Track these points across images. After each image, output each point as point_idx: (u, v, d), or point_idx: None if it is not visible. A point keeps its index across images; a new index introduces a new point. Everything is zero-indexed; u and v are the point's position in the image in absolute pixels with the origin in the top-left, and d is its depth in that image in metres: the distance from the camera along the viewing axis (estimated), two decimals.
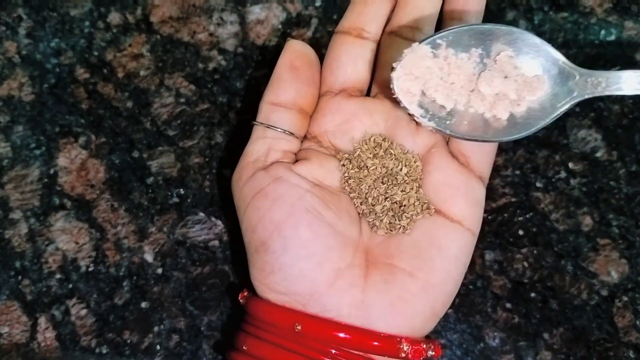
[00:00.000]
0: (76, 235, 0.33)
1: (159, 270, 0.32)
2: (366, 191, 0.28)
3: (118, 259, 0.32)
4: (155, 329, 0.32)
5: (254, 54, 0.34)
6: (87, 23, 0.34)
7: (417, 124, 0.28)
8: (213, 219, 0.33)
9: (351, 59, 0.29)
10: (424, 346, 0.26)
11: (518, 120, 0.27)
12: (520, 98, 0.27)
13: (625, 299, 0.32)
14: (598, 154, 0.33)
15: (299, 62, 0.28)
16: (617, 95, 0.33)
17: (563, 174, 0.33)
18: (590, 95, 0.26)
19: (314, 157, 0.28)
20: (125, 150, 0.33)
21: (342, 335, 0.25)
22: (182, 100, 0.34)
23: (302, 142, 0.29)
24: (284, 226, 0.26)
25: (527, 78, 0.27)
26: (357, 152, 0.28)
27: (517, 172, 0.33)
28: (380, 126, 0.29)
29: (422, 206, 0.27)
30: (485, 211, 0.32)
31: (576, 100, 0.27)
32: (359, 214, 0.28)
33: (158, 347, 0.32)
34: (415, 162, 0.28)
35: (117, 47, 0.34)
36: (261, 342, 0.26)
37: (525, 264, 0.32)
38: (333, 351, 0.25)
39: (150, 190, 0.33)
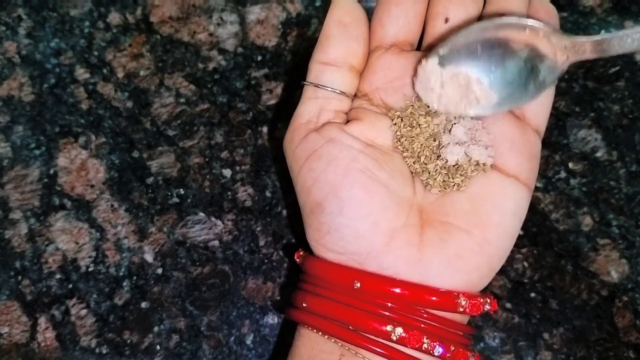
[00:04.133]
0: (76, 235, 0.33)
1: (159, 270, 0.32)
2: (419, 150, 0.27)
3: (118, 259, 0.32)
4: (155, 329, 0.32)
5: (254, 54, 0.34)
6: (87, 23, 0.34)
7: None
8: (213, 219, 0.33)
9: (402, 11, 0.28)
10: (481, 300, 0.26)
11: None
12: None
13: (625, 299, 0.32)
14: (598, 154, 0.33)
15: (348, 18, 0.27)
16: (617, 95, 0.33)
17: (563, 174, 0.33)
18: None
19: (366, 116, 0.28)
20: (125, 150, 0.33)
21: (400, 291, 0.25)
22: (182, 100, 0.34)
23: (353, 100, 0.29)
24: (339, 187, 0.26)
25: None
26: (409, 110, 0.28)
27: None
28: None
29: (476, 162, 0.27)
30: None
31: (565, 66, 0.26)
32: (412, 173, 0.28)
33: (158, 347, 0.32)
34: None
35: (117, 47, 0.34)
36: (321, 299, 0.26)
37: (525, 264, 0.32)
38: (391, 304, 0.25)
39: (150, 190, 0.33)
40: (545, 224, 0.32)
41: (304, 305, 0.27)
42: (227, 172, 0.33)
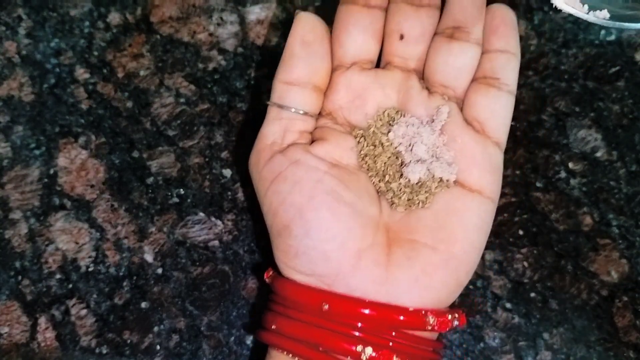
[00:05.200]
0: (76, 235, 0.33)
1: (159, 270, 0.32)
2: (382, 168, 0.28)
3: (118, 259, 0.32)
4: (155, 329, 0.32)
5: (254, 54, 0.34)
6: (87, 23, 0.34)
7: (429, 91, 0.28)
8: (213, 219, 0.33)
9: (361, 30, 0.28)
10: (449, 317, 0.26)
11: None
12: None
13: (625, 299, 0.32)
14: (598, 154, 0.33)
15: (310, 36, 0.27)
16: (617, 95, 0.33)
17: (563, 174, 0.33)
18: None
19: (330, 136, 0.28)
20: (125, 150, 0.33)
21: (368, 312, 0.25)
22: (182, 100, 0.34)
23: (317, 119, 0.29)
24: (305, 210, 0.26)
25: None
26: (372, 129, 0.28)
27: (517, 172, 0.33)
28: (393, 98, 0.28)
29: (439, 179, 0.27)
30: None
31: None
32: (377, 191, 0.28)
33: (158, 347, 0.32)
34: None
35: (117, 47, 0.34)
36: (290, 320, 0.26)
37: (525, 264, 0.32)
38: (360, 325, 0.26)
39: (150, 190, 0.33)
40: (545, 224, 0.32)
41: (274, 327, 0.27)
42: (227, 172, 0.33)
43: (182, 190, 0.33)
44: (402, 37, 0.28)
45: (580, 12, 0.30)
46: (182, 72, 0.34)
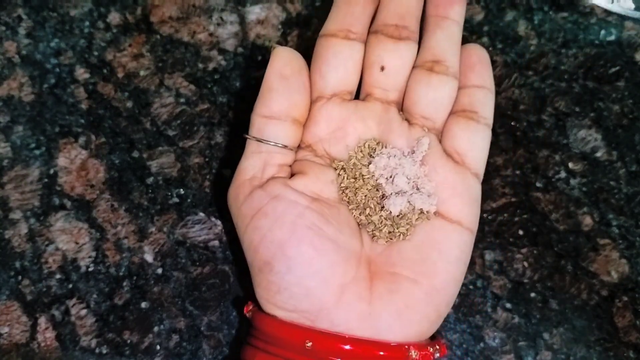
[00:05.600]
0: (76, 235, 0.33)
1: (159, 270, 0.32)
2: (363, 201, 0.28)
3: (118, 259, 0.32)
4: (155, 329, 0.32)
5: (254, 54, 0.34)
6: (87, 23, 0.34)
7: (409, 123, 0.28)
8: (213, 219, 0.33)
9: (341, 62, 0.28)
10: (431, 350, 0.27)
11: None
12: None
13: (625, 299, 0.32)
14: (598, 154, 0.33)
15: (288, 70, 0.27)
16: (617, 95, 0.33)
17: (563, 174, 0.33)
18: None
19: (310, 169, 0.28)
20: (125, 150, 0.33)
21: (351, 348, 0.25)
22: (182, 100, 0.34)
23: (296, 152, 0.29)
24: (286, 246, 0.26)
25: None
26: (352, 161, 0.28)
27: (517, 172, 0.33)
28: (373, 130, 0.28)
29: (420, 211, 0.27)
30: (485, 211, 0.32)
31: None
32: (358, 224, 0.28)
33: (158, 347, 0.32)
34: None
35: (117, 47, 0.34)
36: (272, 357, 0.26)
37: (525, 264, 0.32)
38: None
39: (150, 190, 0.33)
40: (545, 224, 0.32)
41: None
42: (227, 172, 0.33)
43: (182, 190, 0.33)
44: (382, 68, 0.28)
45: (605, 2, 0.29)
46: (182, 72, 0.34)
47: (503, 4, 0.34)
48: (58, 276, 0.32)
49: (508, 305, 0.32)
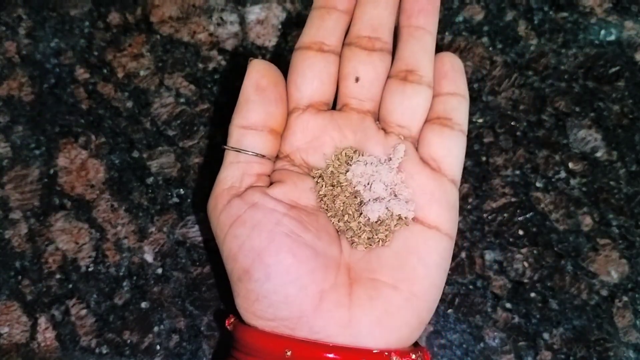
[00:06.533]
0: (76, 235, 0.33)
1: (159, 270, 0.32)
2: (341, 208, 0.28)
3: (118, 259, 0.32)
4: (155, 329, 0.32)
5: (254, 54, 0.34)
6: (87, 23, 0.34)
7: (385, 132, 0.29)
8: None
9: (316, 74, 0.28)
10: (413, 356, 0.27)
11: None
12: None
13: (625, 299, 0.31)
14: (598, 154, 0.33)
15: (264, 81, 0.28)
16: (617, 95, 0.33)
17: (563, 174, 0.33)
18: None
19: (288, 177, 0.28)
20: (125, 150, 0.33)
21: (332, 356, 0.25)
22: (182, 100, 0.34)
23: (275, 162, 0.29)
24: (264, 253, 0.26)
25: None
26: (330, 169, 0.28)
27: (517, 172, 0.33)
28: (350, 139, 0.29)
29: (398, 217, 0.27)
30: (485, 211, 0.32)
31: None
32: (337, 231, 0.28)
33: (158, 347, 0.32)
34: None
35: (117, 47, 0.34)
36: None
37: (525, 264, 0.32)
38: None
39: (150, 190, 0.33)
40: (545, 224, 0.32)
41: None
42: None
43: (182, 190, 0.33)
44: (357, 79, 0.28)
45: None
46: (182, 72, 0.34)
47: (503, 4, 0.34)
48: (58, 276, 0.32)
49: (508, 305, 0.32)
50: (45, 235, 0.33)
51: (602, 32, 0.33)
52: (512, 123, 0.33)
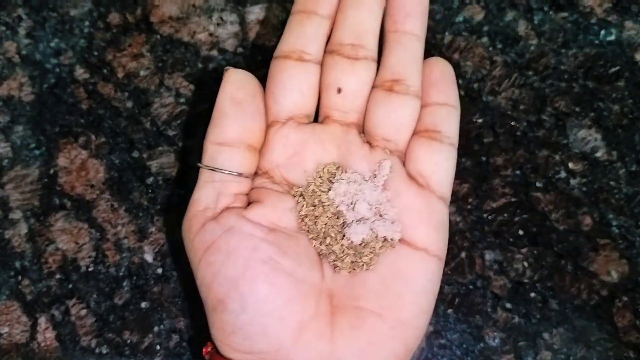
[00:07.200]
0: (76, 235, 0.33)
1: (159, 270, 0.32)
2: (323, 230, 0.26)
3: (118, 259, 0.32)
4: (155, 329, 0.32)
5: (254, 54, 0.34)
6: (87, 23, 0.34)
7: (370, 146, 0.27)
8: None
9: (295, 85, 0.27)
10: None
11: None
12: None
13: (625, 299, 0.32)
14: (598, 154, 0.33)
15: (241, 94, 0.26)
16: (617, 95, 0.33)
17: (563, 174, 0.33)
18: None
19: (267, 197, 0.26)
20: (125, 150, 0.33)
21: None
22: (182, 100, 0.34)
23: (253, 179, 0.27)
24: (240, 283, 0.24)
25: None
26: (311, 187, 0.26)
27: (517, 172, 0.33)
28: (333, 154, 0.27)
29: (383, 238, 0.26)
30: (485, 211, 0.32)
31: None
32: (318, 254, 0.27)
33: (158, 347, 0.32)
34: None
35: (117, 47, 0.34)
36: None
37: (525, 264, 0.32)
38: None
39: (150, 190, 0.33)
40: (545, 224, 0.32)
41: None
42: None
43: (182, 190, 0.33)
44: (339, 90, 0.27)
45: None
46: (182, 72, 0.34)
47: (503, 4, 0.34)
48: (58, 276, 0.32)
49: (508, 305, 0.32)
50: (45, 235, 0.33)
51: (602, 32, 0.33)
52: (512, 123, 0.33)
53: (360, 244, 0.26)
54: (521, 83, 0.33)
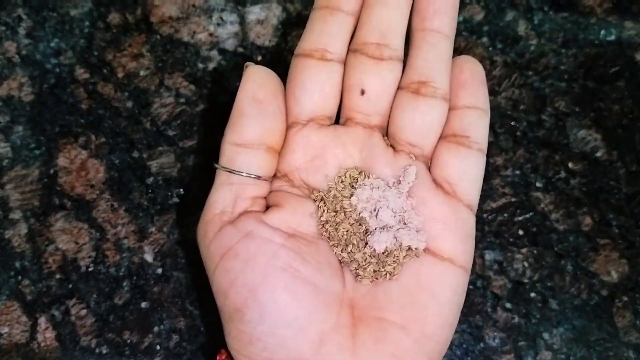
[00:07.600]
0: (76, 235, 0.33)
1: (159, 270, 0.32)
2: (345, 237, 0.25)
3: (118, 259, 0.32)
4: (155, 329, 0.32)
5: (254, 54, 0.34)
6: (87, 23, 0.34)
7: (394, 150, 0.26)
8: None
9: (317, 85, 0.25)
10: None
11: None
12: None
13: (625, 299, 0.32)
14: (598, 154, 0.33)
15: (262, 92, 0.25)
16: (617, 95, 0.33)
17: (563, 174, 0.33)
18: None
19: (286, 201, 0.25)
20: (125, 150, 0.33)
21: None
22: (182, 100, 0.34)
23: (272, 182, 0.26)
24: (259, 291, 0.23)
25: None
26: (332, 192, 0.25)
27: (517, 172, 0.33)
28: (355, 157, 0.26)
29: (407, 247, 0.25)
30: (485, 211, 0.32)
31: None
32: (340, 262, 0.25)
33: (158, 347, 0.32)
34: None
35: (117, 47, 0.34)
36: None
37: (525, 264, 0.32)
38: None
39: (150, 190, 0.33)
40: (545, 224, 0.32)
41: None
42: None
43: (182, 190, 0.33)
44: (363, 92, 0.25)
45: None
46: (182, 72, 0.34)
47: (503, 4, 0.34)
48: (58, 276, 0.32)
49: (508, 305, 0.32)
50: (45, 235, 0.33)
51: (602, 32, 0.33)
52: (512, 123, 0.33)
53: (383, 253, 0.25)
54: (521, 83, 0.33)
